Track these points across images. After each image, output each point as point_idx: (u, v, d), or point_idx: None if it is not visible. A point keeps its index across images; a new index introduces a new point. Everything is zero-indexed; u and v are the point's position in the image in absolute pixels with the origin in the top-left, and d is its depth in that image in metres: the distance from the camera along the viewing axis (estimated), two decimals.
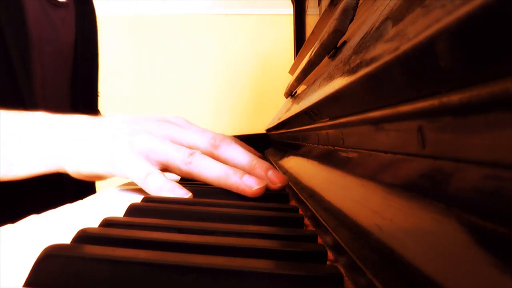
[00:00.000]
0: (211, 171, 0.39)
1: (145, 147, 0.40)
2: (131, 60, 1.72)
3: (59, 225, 0.28)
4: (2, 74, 0.54)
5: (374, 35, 0.22)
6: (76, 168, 0.41)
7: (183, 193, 0.37)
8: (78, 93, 0.70)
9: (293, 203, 0.39)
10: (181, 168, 0.40)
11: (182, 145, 0.42)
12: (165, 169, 0.41)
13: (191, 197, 0.37)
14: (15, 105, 0.46)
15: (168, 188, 0.37)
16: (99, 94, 0.77)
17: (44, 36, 0.60)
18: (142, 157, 0.40)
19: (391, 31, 0.18)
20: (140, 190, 0.42)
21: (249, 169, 0.41)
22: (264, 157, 0.96)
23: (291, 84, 0.76)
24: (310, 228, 0.29)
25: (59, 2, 0.63)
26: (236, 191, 0.38)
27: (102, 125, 0.43)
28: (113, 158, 0.40)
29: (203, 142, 0.43)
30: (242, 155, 0.43)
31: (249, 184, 0.38)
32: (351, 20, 0.37)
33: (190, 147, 0.42)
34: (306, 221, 0.30)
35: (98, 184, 0.75)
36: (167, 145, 0.41)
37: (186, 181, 0.44)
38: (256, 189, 0.37)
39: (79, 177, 0.42)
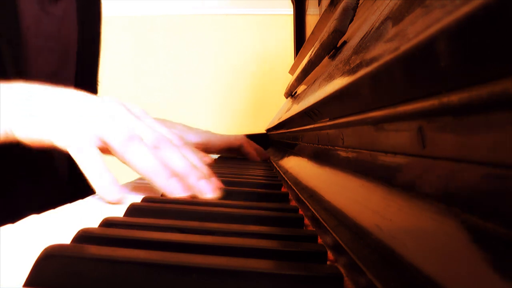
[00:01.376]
0: (142, 161, 0.37)
1: (89, 116, 0.38)
2: (131, 60, 1.72)
3: (59, 225, 0.28)
4: None
5: (374, 35, 0.22)
6: (26, 132, 0.38)
7: (116, 193, 0.35)
8: (80, 85, 0.70)
9: (293, 203, 0.39)
10: (116, 148, 0.37)
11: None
12: (104, 149, 0.38)
13: (121, 199, 0.35)
14: None
15: (105, 180, 0.35)
16: (98, 83, 0.76)
17: (43, 32, 0.60)
18: (86, 129, 0.37)
19: (391, 31, 0.18)
20: (140, 190, 0.42)
21: (185, 174, 0.39)
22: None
23: (291, 84, 0.76)
24: (310, 228, 0.29)
25: None
26: (159, 189, 0.37)
27: (54, 93, 0.41)
28: (57, 124, 0.37)
29: (149, 136, 0.40)
30: (179, 159, 0.40)
31: (171, 190, 0.37)
32: (351, 20, 0.37)
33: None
34: (306, 221, 0.30)
35: None
36: (113, 120, 0.38)
37: None
38: (179, 194, 0.37)
39: (31, 144, 0.39)
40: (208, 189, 0.39)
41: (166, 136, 0.42)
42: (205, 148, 0.79)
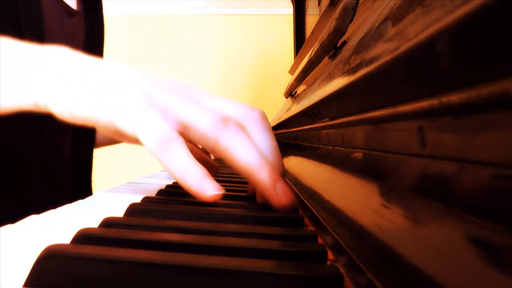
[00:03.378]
0: (243, 153, 0.30)
1: (164, 101, 0.31)
2: (131, 61, 1.72)
3: (59, 225, 0.28)
4: None
5: (374, 35, 0.22)
6: (68, 107, 0.31)
7: (211, 187, 0.29)
8: None
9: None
10: (207, 135, 0.30)
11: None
12: (183, 133, 0.31)
13: (219, 197, 0.29)
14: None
15: (194, 172, 0.28)
16: None
17: (59, 43, 0.61)
18: (159, 112, 0.30)
19: (391, 31, 0.18)
20: (139, 191, 0.42)
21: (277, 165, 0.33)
22: None
23: (291, 84, 0.76)
24: (310, 228, 0.29)
25: (73, 10, 0.64)
26: (259, 191, 0.31)
27: (108, 64, 0.34)
28: (122, 104, 0.30)
29: (235, 111, 0.33)
30: (273, 149, 0.33)
31: (280, 193, 0.30)
32: (351, 20, 0.37)
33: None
34: (306, 221, 0.30)
35: (96, 185, 0.75)
36: (193, 102, 0.31)
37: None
38: (284, 203, 0.30)
39: (68, 120, 0.32)
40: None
41: (257, 113, 0.34)
42: None
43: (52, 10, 0.58)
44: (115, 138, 0.33)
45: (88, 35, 0.69)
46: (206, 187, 0.28)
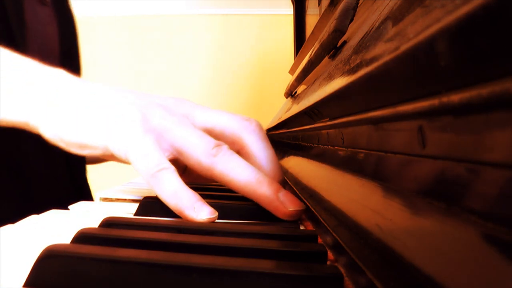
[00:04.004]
0: (240, 174, 0.30)
1: (159, 124, 0.31)
2: (130, 60, 1.72)
3: (59, 225, 0.28)
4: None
5: (374, 35, 0.22)
6: (58, 132, 0.32)
7: (205, 211, 0.28)
8: None
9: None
10: (202, 160, 0.31)
11: (206, 129, 0.32)
12: (175, 159, 0.32)
13: (214, 220, 0.28)
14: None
15: (187, 198, 0.29)
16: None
17: (34, 29, 0.62)
18: (153, 138, 0.31)
19: (391, 31, 0.18)
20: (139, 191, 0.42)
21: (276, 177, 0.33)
22: None
23: (291, 84, 0.76)
24: (310, 228, 0.29)
25: (46, 1, 0.65)
26: (263, 205, 0.30)
27: (101, 88, 0.34)
28: (114, 129, 0.30)
29: (230, 124, 0.34)
30: (271, 159, 0.33)
31: (285, 202, 0.29)
32: (351, 20, 0.37)
33: (213, 131, 0.33)
34: (306, 221, 0.30)
35: (95, 185, 0.75)
36: (188, 127, 0.31)
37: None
38: (292, 210, 0.30)
39: (59, 145, 0.33)
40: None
41: (253, 122, 0.35)
42: None
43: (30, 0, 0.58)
44: (108, 160, 0.34)
45: (62, 27, 0.69)
46: (198, 211, 0.28)
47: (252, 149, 0.34)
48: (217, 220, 0.29)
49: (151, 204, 0.31)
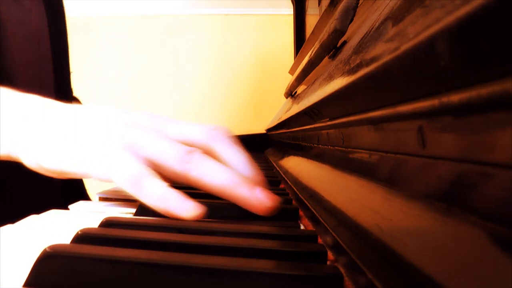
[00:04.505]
0: (215, 177, 0.31)
1: (133, 142, 0.32)
2: (130, 61, 1.72)
3: (59, 225, 0.28)
4: None
5: (374, 35, 0.22)
6: (37, 160, 0.33)
7: (192, 207, 0.29)
8: (58, 76, 0.70)
9: (293, 203, 0.39)
10: (176, 168, 0.32)
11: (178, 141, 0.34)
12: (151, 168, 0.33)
13: (203, 214, 0.30)
14: None
15: (173, 198, 0.29)
16: (71, 72, 0.75)
17: (14, 20, 0.60)
18: (129, 153, 0.32)
19: (391, 31, 0.18)
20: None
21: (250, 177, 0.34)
22: (264, 157, 0.96)
23: (291, 84, 0.76)
24: (310, 228, 0.29)
25: None
26: (242, 205, 0.31)
27: (74, 112, 0.35)
28: (91, 153, 0.32)
29: (198, 135, 0.35)
30: (243, 161, 0.35)
31: (262, 199, 0.31)
32: (351, 20, 0.37)
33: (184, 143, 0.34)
34: (306, 221, 0.30)
35: (95, 185, 0.75)
36: (160, 139, 0.33)
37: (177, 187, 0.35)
38: (270, 205, 0.30)
39: (43, 172, 0.34)
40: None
41: (219, 129, 0.36)
42: None
43: None
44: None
45: (49, 12, 0.66)
46: (188, 208, 0.29)
47: (223, 156, 0.35)
48: (207, 219, 0.30)
49: (138, 210, 0.31)
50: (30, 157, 0.33)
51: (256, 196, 0.31)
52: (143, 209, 0.30)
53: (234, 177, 0.31)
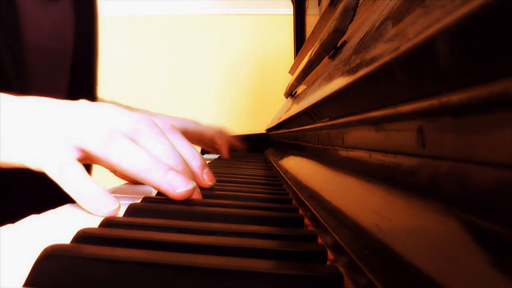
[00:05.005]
0: (130, 162, 0.31)
1: (62, 127, 0.32)
2: (131, 60, 1.72)
3: (59, 225, 0.28)
4: None
5: (374, 35, 0.22)
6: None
7: (111, 204, 0.30)
8: (76, 90, 0.69)
9: (293, 202, 0.39)
10: (97, 152, 0.31)
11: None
12: (85, 158, 0.33)
13: (118, 208, 0.30)
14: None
15: (91, 193, 0.30)
16: (97, 82, 0.74)
17: (43, 31, 0.59)
18: (59, 142, 0.32)
19: (391, 31, 0.18)
20: (135, 192, 0.42)
21: (178, 165, 0.34)
22: (264, 157, 0.96)
23: (291, 84, 0.76)
24: (310, 228, 0.29)
25: None
26: (157, 189, 0.32)
27: (18, 105, 0.35)
28: (28, 143, 0.32)
29: (125, 123, 0.34)
30: (168, 150, 0.34)
31: (174, 184, 0.31)
32: (351, 20, 0.37)
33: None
34: (306, 221, 0.30)
35: None
36: (86, 123, 0.32)
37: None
38: (182, 191, 0.31)
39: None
40: (208, 178, 0.35)
41: (147, 120, 0.35)
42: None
43: None
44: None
45: (79, 25, 0.65)
46: (100, 205, 0.30)
47: (146, 148, 0.34)
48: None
49: (138, 210, 0.30)
50: None
51: (168, 181, 0.31)
52: (131, 211, 0.30)
53: (148, 161, 0.31)
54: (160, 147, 0.34)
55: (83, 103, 0.36)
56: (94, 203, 0.30)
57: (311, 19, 0.99)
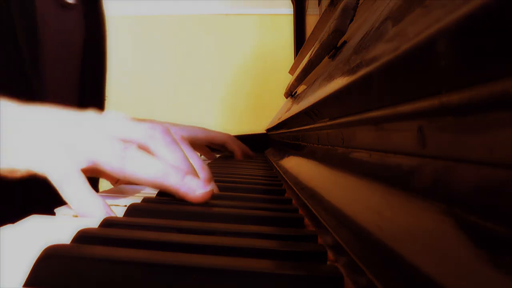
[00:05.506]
0: (146, 170, 0.32)
1: (71, 139, 0.34)
2: (131, 60, 1.72)
3: (59, 225, 0.28)
4: (15, 77, 0.52)
5: (374, 35, 0.22)
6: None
7: (101, 211, 0.30)
8: (86, 93, 0.70)
9: (293, 202, 0.39)
10: (113, 165, 0.32)
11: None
12: (95, 170, 0.34)
13: (107, 211, 0.31)
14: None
15: (90, 203, 0.31)
16: (106, 97, 0.75)
17: (55, 38, 0.60)
18: (66, 151, 0.33)
19: (391, 31, 0.18)
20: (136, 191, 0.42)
21: (190, 172, 0.35)
22: (263, 157, 0.96)
23: (291, 84, 0.76)
24: (310, 228, 0.29)
25: (69, 3, 0.63)
26: (175, 195, 0.33)
27: (23, 113, 0.36)
28: (33, 150, 0.33)
29: (136, 134, 0.36)
30: (179, 157, 0.36)
31: (192, 187, 0.32)
32: (351, 20, 0.37)
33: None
34: (306, 221, 0.30)
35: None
36: (98, 136, 0.34)
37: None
38: (201, 193, 0.32)
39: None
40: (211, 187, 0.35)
41: (161, 128, 0.37)
42: (191, 143, 0.78)
43: (46, 2, 0.57)
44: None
45: (89, 31, 0.67)
46: (97, 209, 0.31)
47: (159, 155, 0.35)
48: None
49: (137, 210, 0.30)
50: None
51: (186, 185, 0.32)
52: (131, 211, 0.30)
53: (165, 167, 0.32)
54: (173, 155, 0.35)
55: (94, 115, 0.37)
56: (90, 213, 0.31)
57: (311, 19, 0.99)
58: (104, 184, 0.61)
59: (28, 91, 0.52)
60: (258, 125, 1.33)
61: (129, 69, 1.72)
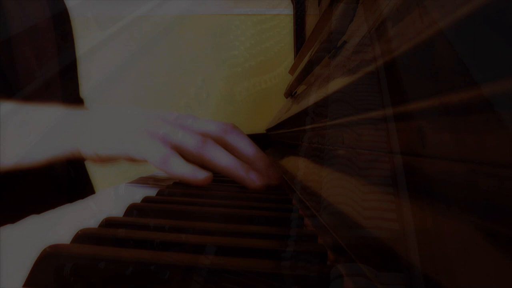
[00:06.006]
0: (221, 160, 0.43)
1: (161, 131, 0.43)
2: (131, 61, 1.72)
3: (59, 225, 0.28)
4: None
5: (374, 35, 0.22)
6: (93, 150, 0.43)
7: (204, 174, 0.42)
8: (64, 78, 0.71)
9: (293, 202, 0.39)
10: (193, 152, 0.43)
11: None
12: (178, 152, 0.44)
13: (211, 177, 0.42)
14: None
15: (190, 171, 0.41)
16: (78, 73, 0.78)
17: (23, 20, 0.61)
18: (159, 140, 0.42)
19: (391, 31, 0.18)
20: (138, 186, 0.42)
21: (253, 160, 0.45)
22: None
23: (291, 84, 0.76)
24: (310, 228, 0.29)
25: None
26: (239, 182, 0.43)
27: (116, 111, 0.47)
28: (132, 140, 0.42)
29: (214, 128, 0.46)
30: (249, 146, 0.46)
31: (253, 179, 0.43)
32: (351, 20, 0.37)
33: (202, 134, 0.45)
34: (306, 221, 0.30)
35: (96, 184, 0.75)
36: (182, 129, 0.44)
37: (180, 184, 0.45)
38: (260, 184, 0.43)
39: (95, 161, 0.44)
40: (275, 176, 0.46)
41: (230, 124, 0.48)
42: None
43: None
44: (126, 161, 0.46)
45: (56, 20, 0.69)
46: (200, 176, 0.42)
47: (233, 143, 0.46)
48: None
49: (137, 210, 0.31)
50: (87, 149, 0.43)
51: (249, 177, 0.43)
52: (131, 211, 0.30)
53: (236, 161, 0.44)
54: (247, 146, 0.46)
55: (175, 113, 0.48)
56: (194, 176, 0.41)
57: (311, 19, 0.99)
58: (103, 185, 0.61)
59: (4, 84, 0.55)
60: (258, 125, 1.33)
61: (128, 69, 1.72)
